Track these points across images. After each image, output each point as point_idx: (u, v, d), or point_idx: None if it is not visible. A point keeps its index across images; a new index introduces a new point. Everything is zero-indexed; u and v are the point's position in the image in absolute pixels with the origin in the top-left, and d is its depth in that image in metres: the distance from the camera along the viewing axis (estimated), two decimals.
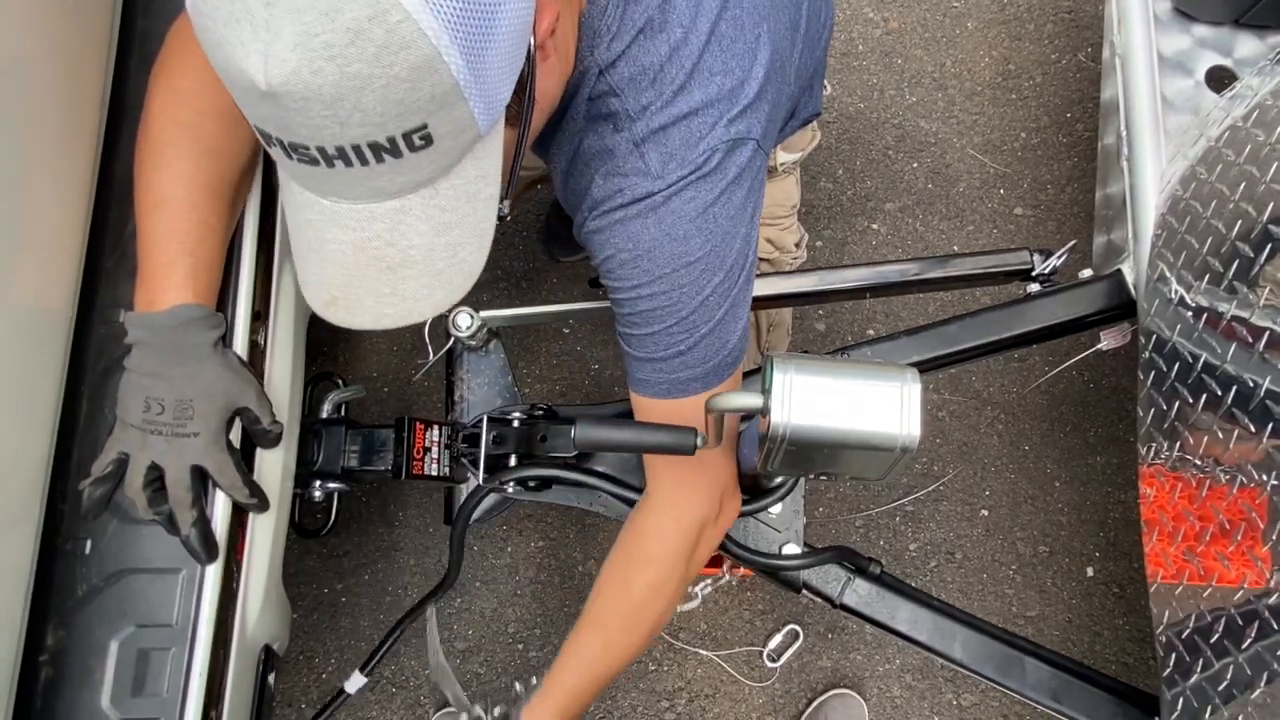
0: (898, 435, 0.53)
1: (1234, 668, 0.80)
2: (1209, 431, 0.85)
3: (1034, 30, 1.76)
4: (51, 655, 0.77)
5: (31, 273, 0.77)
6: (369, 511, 1.50)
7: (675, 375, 0.74)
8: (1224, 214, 0.88)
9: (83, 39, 0.84)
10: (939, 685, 1.45)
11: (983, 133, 1.70)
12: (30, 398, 0.78)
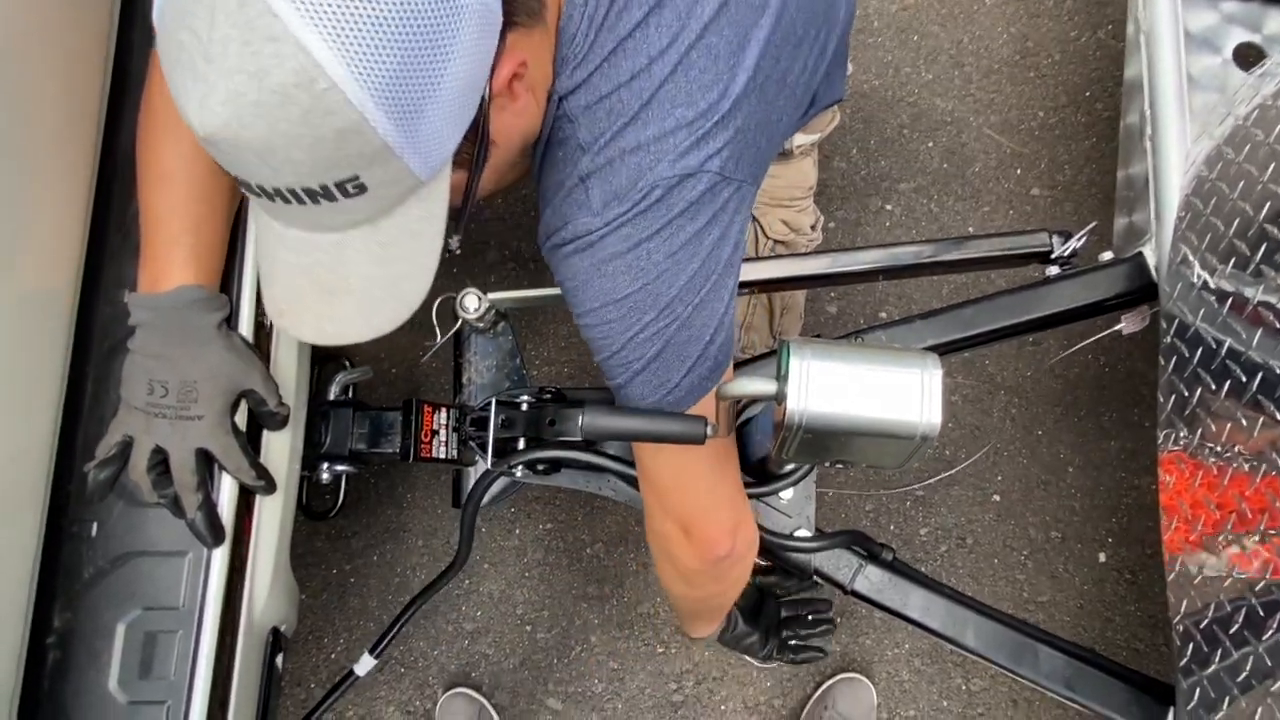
0: (918, 423, 0.52)
1: (1254, 658, 0.79)
2: (1232, 419, 0.84)
3: (1053, 6, 1.72)
4: (59, 637, 0.77)
5: (33, 253, 0.77)
6: (377, 493, 1.49)
7: (624, 402, 0.74)
8: (1251, 195, 0.85)
9: (84, 14, 0.83)
10: (948, 670, 1.44)
11: (1000, 111, 1.66)
12: (34, 379, 0.77)
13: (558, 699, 1.43)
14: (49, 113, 0.78)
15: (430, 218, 0.59)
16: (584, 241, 0.67)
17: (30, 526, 0.77)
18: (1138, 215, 1.08)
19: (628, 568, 1.48)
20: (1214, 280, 0.89)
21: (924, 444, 0.53)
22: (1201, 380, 0.88)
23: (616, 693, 1.43)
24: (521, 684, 1.43)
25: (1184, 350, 0.91)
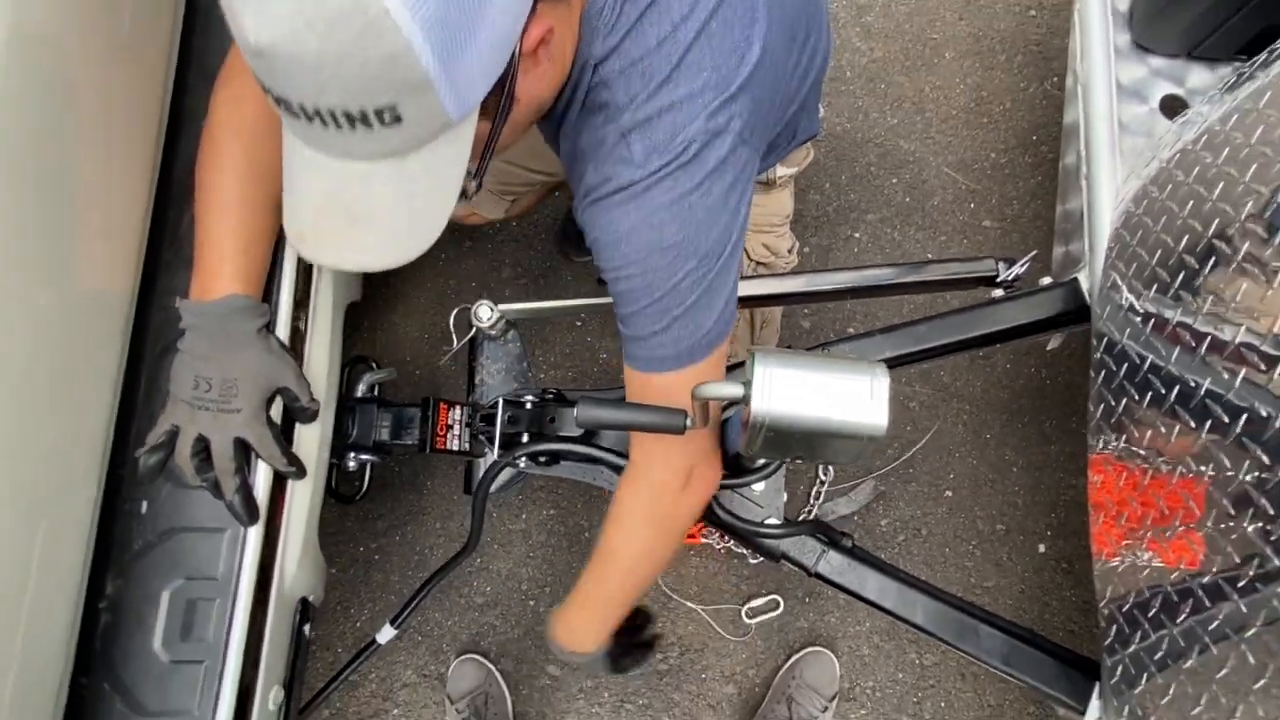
0: (867, 424, 0.52)
1: (1169, 640, 0.78)
2: (1153, 426, 0.83)
3: (1005, 61, 1.72)
4: (110, 603, 0.78)
5: (97, 264, 0.77)
6: (400, 480, 1.49)
7: (654, 353, 0.71)
8: (1172, 229, 0.85)
9: (146, 57, 0.83)
10: (903, 646, 1.43)
11: (956, 152, 1.67)
12: (94, 376, 0.78)
13: (556, 666, 1.42)
14: (114, 141, 0.78)
15: (455, 159, 0.57)
16: (629, 193, 0.66)
17: (88, 504, 0.77)
18: (1074, 245, 1.08)
19: None
20: (1139, 303, 0.89)
21: (872, 443, 0.53)
22: (1127, 392, 0.88)
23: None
24: (525, 652, 1.42)
25: (1112, 365, 0.91)
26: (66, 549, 0.74)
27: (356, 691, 1.41)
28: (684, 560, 1.46)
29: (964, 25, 1.74)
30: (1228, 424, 0.70)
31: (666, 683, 1.41)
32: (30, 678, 0.69)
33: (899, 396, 1.55)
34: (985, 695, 1.41)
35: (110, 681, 0.75)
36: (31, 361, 0.66)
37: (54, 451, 0.72)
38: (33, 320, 0.66)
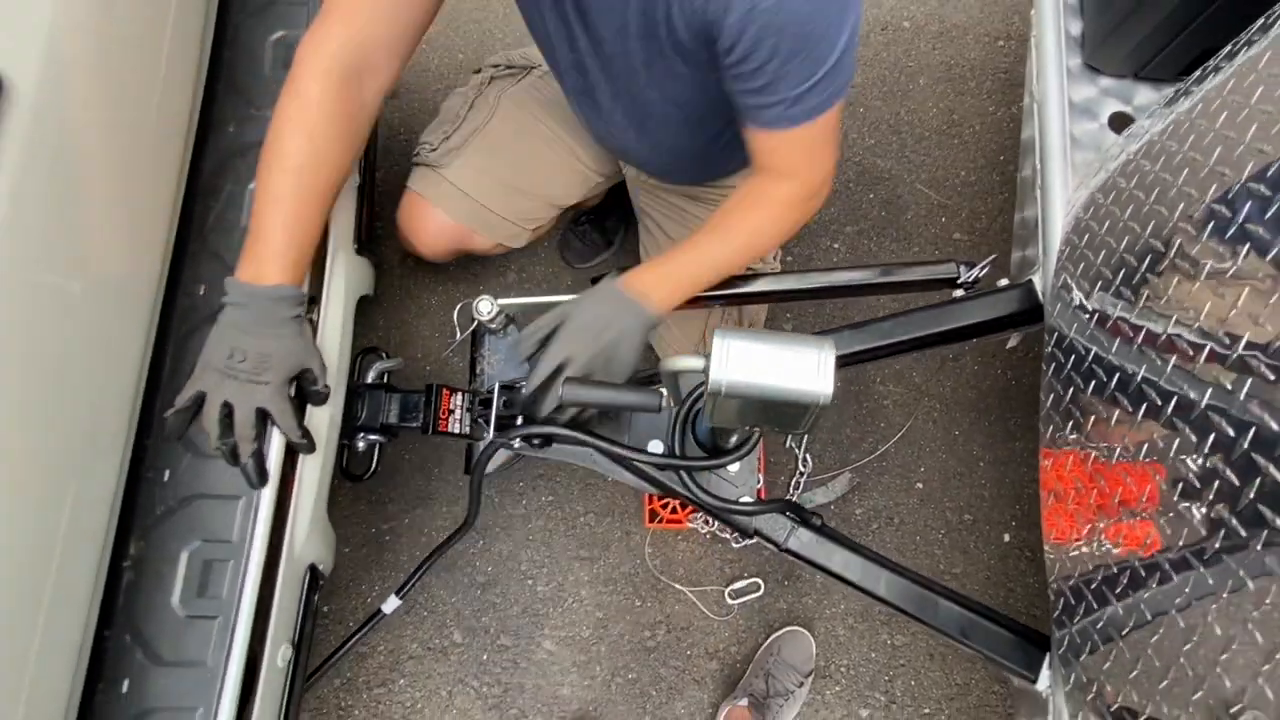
0: (814, 392, 0.53)
1: (1111, 612, 0.78)
2: (1096, 413, 0.84)
3: (975, 86, 1.74)
4: (133, 562, 0.79)
5: (127, 252, 0.79)
6: (409, 466, 1.51)
7: (807, 104, 0.73)
8: (1116, 232, 0.86)
9: (178, 72, 0.86)
10: (876, 627, 1.43)
11: (929, 170, 1.68)
12: (122, 355, 0.79)
13: (552, 641, 1.42)
14: (147, 147, 0.81)
15: None
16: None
17: (114, 471, 0.79)
18: (1029, 250, 1.09)
19: (614, 535, 1.48)
20: (1088, 301, 0.90)
21: (819, 409, 0.54)
22: (1074, 381, 0.88)
23: (601, 638, 1.43)
24: (523, 628, 1.43)
25: (1061, 357, 0.92)
26: (93, 512, 0.76)
27: (366, 663, 1.41)
28: (671, 544, 1.47)
29: (937, 54, 1.76)
30: (1160, 407, 0.71)
31: (654, 658, 1.42)
32: (57, 629, 0.70)
33: (875, 396, 1.55)
34: (953, 675, 1.41)
35: (131, 634, 0.76)
36: (66, 342, 0.68)
37: (84, 423, 0.74)
38: (68, 304, 0.68)
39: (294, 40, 0.94)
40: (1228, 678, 0.60)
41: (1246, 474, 0.59)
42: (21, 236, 0.61)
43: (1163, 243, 0.77)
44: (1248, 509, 0.59)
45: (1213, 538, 0.62)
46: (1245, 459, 0.59)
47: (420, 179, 1.13)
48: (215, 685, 0.76)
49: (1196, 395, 0.66)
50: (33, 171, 0.60)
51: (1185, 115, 0.80)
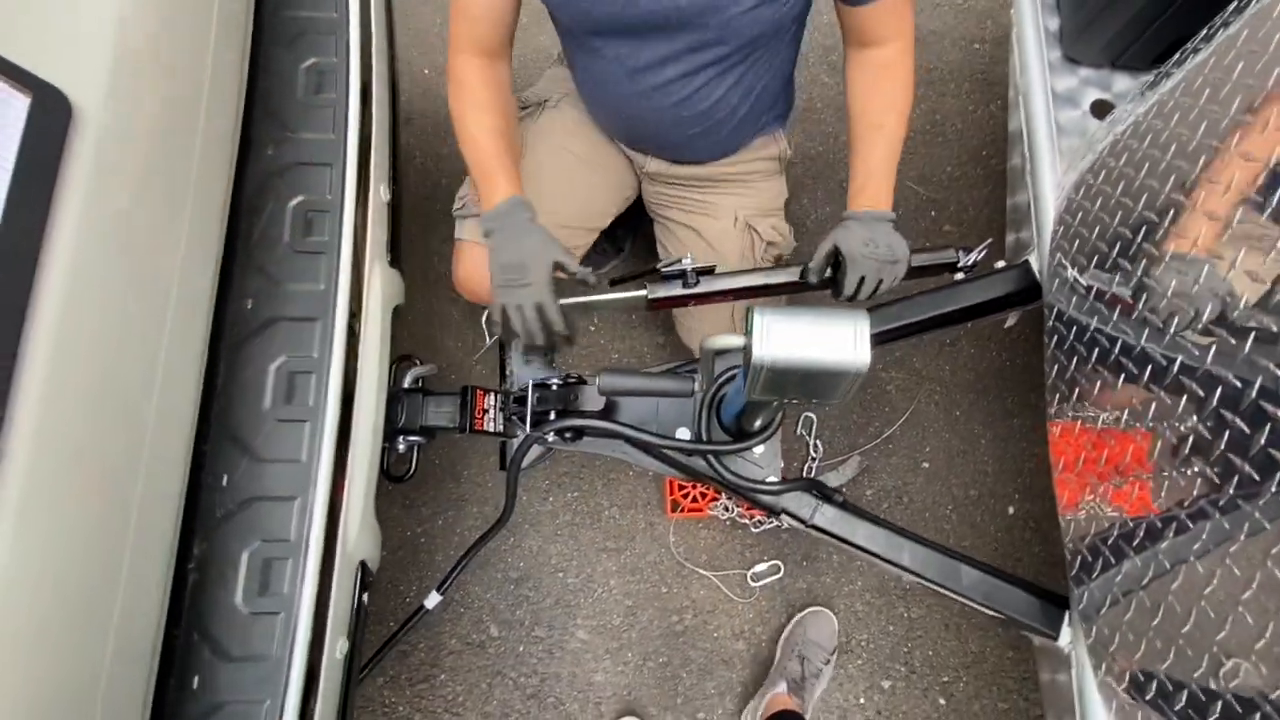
0: (852, 362, 0.53)
1: (1127, 566, 0.79)
2: (1101, 379, 0.85)
3: (954, 88, 1.76)
4: (198, 563, 0.79)
5: (184, 271, 0.79)
6: (440, 471, 1.51)
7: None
8: (1109, 208, 0.88)
9: (220, 97, 0.86)
10: (893, 601, 1.43)
11: (917, 168, 1.70)
12: (181, 367, 0.79)
13: (585, 630, 1.42)
14: (197, 169, 0.81)
15: None
16: None
17: (178, 479, 0.78)
18: (1023, 233, 1.10)
19: (638, 526, 1.48)
20: (1083, 277, 0.91)
21: (857, 378, 0.54)
22: (1077, 352, 0.89)
23: (631, 625, 1.42)
24: (556, 619, 1.42)
25: (1062, 330, 0.93)
26: (160, 520, 0.75)
27: (407, 660, 1.41)
28: (693, 533, 1.47)
29: (918, 60, 1.77)
30: (1165, 369, 0.72)
31: (683, 641, 1.41)
32: (130, 629, 0.70)
33: (878, 382, 1.56)
34: (968, 643, 1.41)
35: (199, 631, 0.76)
36: (131, 357, 0.68)
37: (149, 432, 0.73)
38: (132, 320, 0.69)
39: (324, 66, 0.95)
40: (1250, 616, 0.60)
41: (1256, 423, 0.60)
42: (89, 256, 0.62)
43: (1156, 213, 0.78)
44: (1259, 455, 0.60)
45: (1225, 486, 0.63)
46: (1254, 408, 0.60)
47: (470, 229, 1.14)
48: (280, 678, 0.76)
49: (1200, 355, 0.67)
50: (98, 193, 0.61)
51: (1169, 95, 0.82)
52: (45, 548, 0.58)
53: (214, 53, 0.79)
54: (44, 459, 0.58)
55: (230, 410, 0.82)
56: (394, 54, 1.09)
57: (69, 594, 0.61)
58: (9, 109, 0.51)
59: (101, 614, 0.66)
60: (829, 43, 1.78)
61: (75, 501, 0.62)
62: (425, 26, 1.83)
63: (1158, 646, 0.71)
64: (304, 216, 0.89)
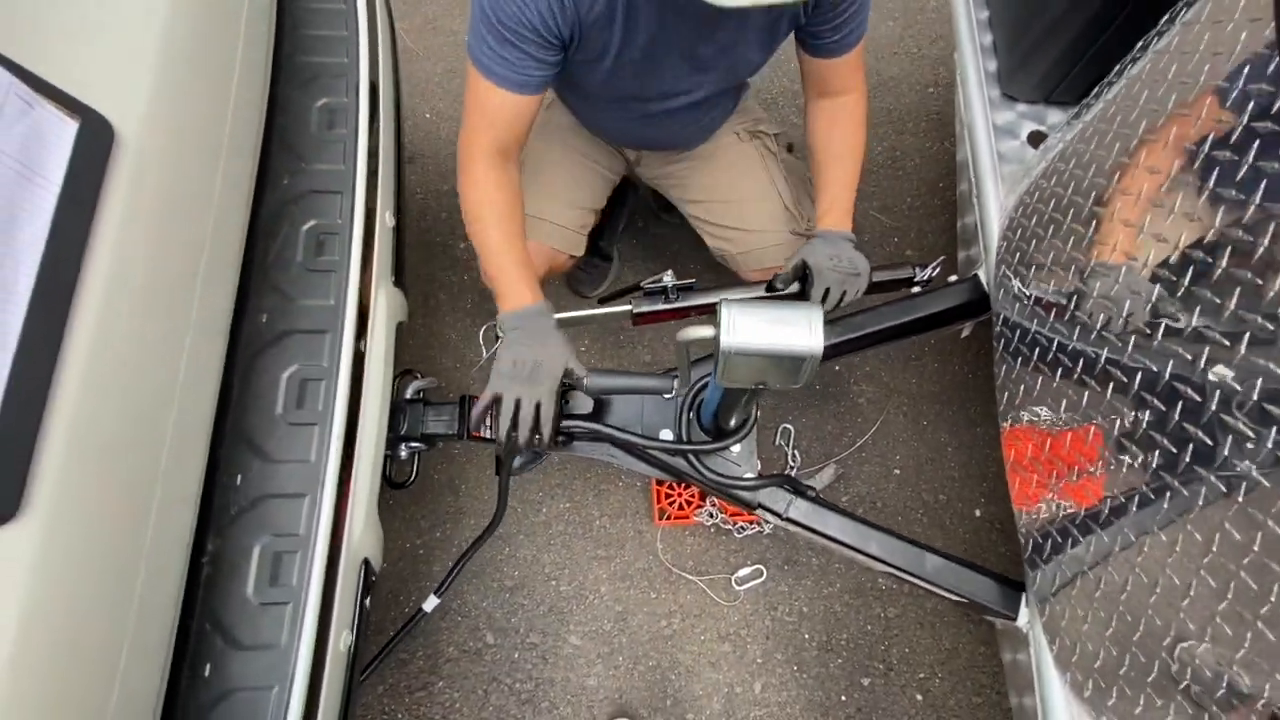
0: (808, 348, 0.58)
1: (1075, 547, 0.83)
2: (1042, 377, 0.90)
3: (912, 127, 1.85)
4: (211, 558, 0.81)
5: (207, 287, 0.83)
6: (438, 485, 1.53)
7: (863, 26, 0.97)
8: (1043, 223, 0.94)
9: (242, 136, 0.91)
10: (870, 602, 1.45)
11: (880, 199, 1.78)
12: (202, 376, 0.82)
13: (578, 636, 1.43)
14: (219, 197, 0.86)
15: None
16: None
17: (194, 480, 0.81)
18: (973, 250, 1.17)
19: (627, 534, 1.50)
20: (1025, 286, 0.97)
21: (812, 363, 0.59)
22: (1021, 353, 0.94)
23: (621, 630, 1.43)
24: (549, 626, 1.43)
25: (1008, 334, 0.98)
26: (178, 518, 0.78)
27: (406, 668, 1.40)
28: (680, 539, 1.49)
29: (878, 101, 1.88)
30: (1094, 363, 0.77)
31: (672, 645, 1.42)
32: (147, 619, 0.72)
33: (850, 396, 1.61)
34: (942, 640, 1.42)
35: (211, 622, 0.78)
36: (158, 366, 0.72)
37: (171, 437, 0.76)
38: (160, 332, 0.72)
39: (335, 106, 1.00)
40: (1176, 576, 0.64)
41: (1171, 404, 0.65)
42: (123, 270, 0.66)
43: (1082, 224, 0.84)
44: (1175, 431, 0.64)
45: (1155, 469, 0.67)
46: (1168, 391, 0.65)
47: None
48: (288, 665, 0.77)
49: (1121, 349, 0.72)
50: (135, 213, 0.65)
51: (1089, 123, 0.89)
52: (72, 544, 0.60)
53: (237, 90, 0.85)
54: (73, 462, 0.59)
55: (245, 416, 0.85)
56: (399, 96, 1.16)
57: (92, 587, 0.63)
58: (60, 132, 0.56)
59: (121, 605, 0.67)
60: (796, 88, 1.88)
61: (100, 502, 0.64)
62: (427, 76, 1.91)
63: (1102, 615, 0.75)
64: (316, 239, 0.94)
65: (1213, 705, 0.59)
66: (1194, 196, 0.64)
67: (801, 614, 1.44)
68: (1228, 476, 0.56)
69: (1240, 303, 0.56)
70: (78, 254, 0.58)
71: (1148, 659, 0.68)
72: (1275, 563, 0.53)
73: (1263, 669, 0.55)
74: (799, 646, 1.41)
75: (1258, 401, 0.52)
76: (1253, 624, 0.55)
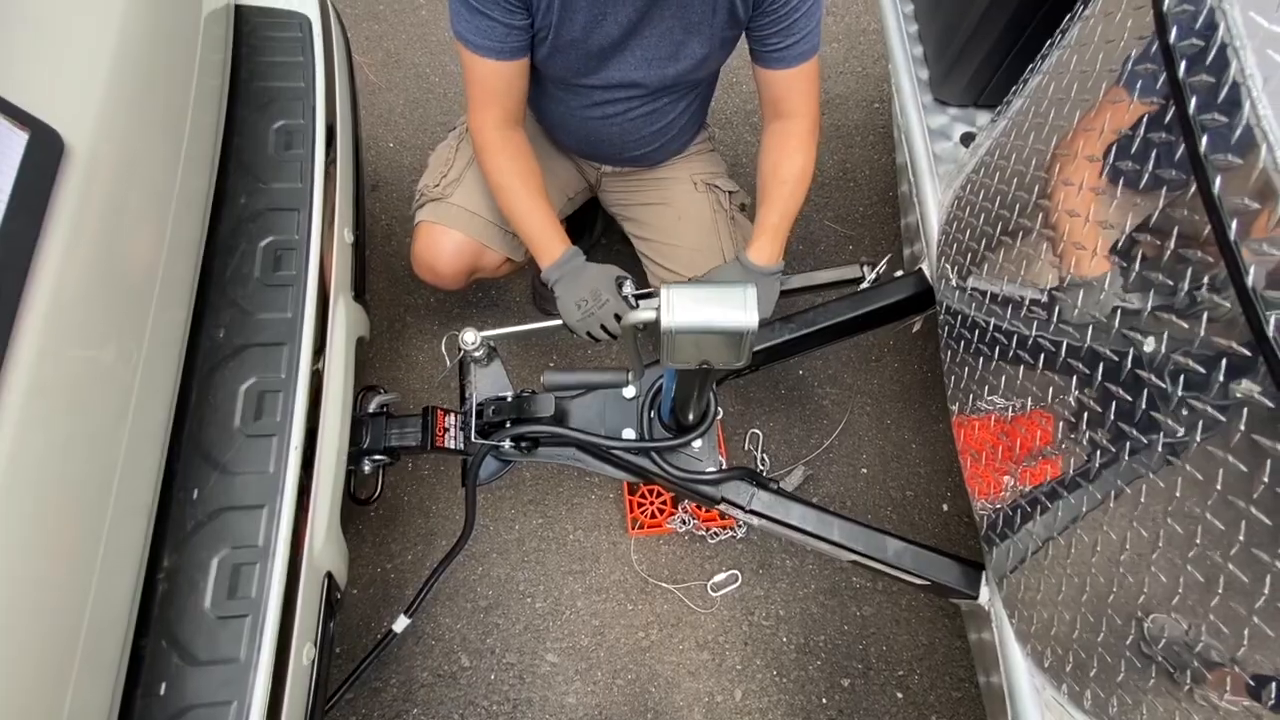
0: (743, 323, 0.60)
1: (1028, 522, 0.85)
2: (985, 358, 0.93)
3: (860, 140, 1.93)
4: (167, 574, 0.79)
5: (161, 302, 0.83)
6: (408, 508, 1.51)
7: (810, 43, 1.02)
8: (977, 215, 0.99)
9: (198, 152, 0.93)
10: (845, 602, 1.45)
11: (834, 209, 1.84)
12: (157, 390, 0.82)
13: (555, 653, 1.41)
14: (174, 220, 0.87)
15: None
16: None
17: (148, 494, 0.80)
18: (916, 247, 1.22)
19: (601, 547, 1.49)
20: (965, 278, 1.01)
21: (749, 337, 0.61)
22: (965, 338, 0.98)
23: (599, 644, 1.41)
24: (526, 644, 1.41)
25: (952, 321, 1.02)
26: (129, 532, 0.76)
27: (380, 697, 1.37)
28: (654, 549, 1.49)
29: (827, 118, 1.96)
30: (1026, 341, 0.81)
31: (650, 656, 1.41)
32: (96, 640, 0.70)
33: (815, 399, 1.64)
34: (918, 636, 1.43)
35: (167, 639, 0.76)
36: (108, 379, 0.71)
37: (123, 450, 0.75)
38: (111, 344, 0.72)
39: (293, 128, 1.03)
40: (1112, 533, 0.67)
41: (1105, 374, 0.68)
42: (72, 282, 0.66)
43: (1009, 210, 0.89)
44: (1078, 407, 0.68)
45: (1098, 441, 0.70)
46: (1100, 361, 0.68)
47: (430, 211, 1.25)
48: (247, 679, 0.75)
49: (1044, 326, 0.76)
50: (83, 223, 0.66)
51: (1010, 121, 0.94)
52: (17, 558, 0.59)
53: (193, 108, 0.87)
54: (18, 476, 0.58)
55: (202, 430, 0.85)
56: (357, 117, 1.19)
57: (41, 603, 0.62)
58: (8, 143, 0.57)
59: (70, 625, 0.66)
60: (749, 107, 1.95)
61: (47, 516, 0.63)
62: (390, 107, 1.95)
63: (1053, 582, 0.77)
64: (274, 254, 0.95)
65: (1161, 659, 0.61)
66: (1097, 175, 0.69)
67: (778, 617, 1.44)
68: (1160, 441, 0.59)
69: (1165, 275, 0.59)
70: (24, 260, 0.59)
71: (1098, 620, 0.70)
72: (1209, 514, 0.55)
73: (1194, 611, 0.57)
74: (777, 650, 1.41)
75: (1186, 367, 0.56)
76: (1184, 569, 0.58)
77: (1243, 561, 0.52)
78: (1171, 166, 0.59)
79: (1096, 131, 0.72)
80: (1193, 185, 0.55)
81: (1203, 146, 0.55)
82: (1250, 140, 0.50)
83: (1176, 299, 0.57)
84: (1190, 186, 0.56)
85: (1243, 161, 0.51)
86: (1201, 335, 0.54)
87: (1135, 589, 0.64)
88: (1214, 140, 0.54)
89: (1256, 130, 0.50)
